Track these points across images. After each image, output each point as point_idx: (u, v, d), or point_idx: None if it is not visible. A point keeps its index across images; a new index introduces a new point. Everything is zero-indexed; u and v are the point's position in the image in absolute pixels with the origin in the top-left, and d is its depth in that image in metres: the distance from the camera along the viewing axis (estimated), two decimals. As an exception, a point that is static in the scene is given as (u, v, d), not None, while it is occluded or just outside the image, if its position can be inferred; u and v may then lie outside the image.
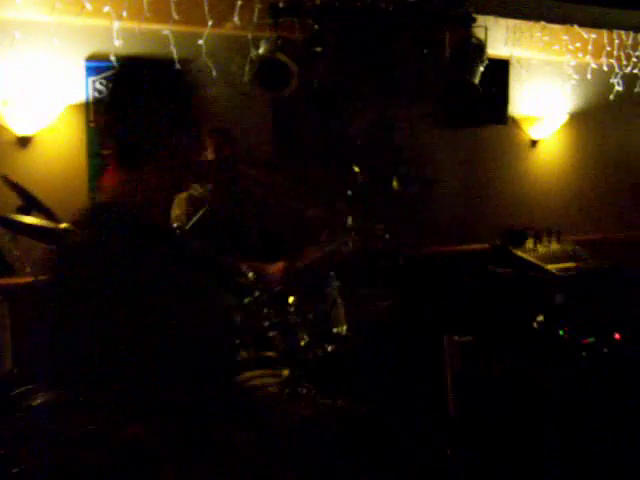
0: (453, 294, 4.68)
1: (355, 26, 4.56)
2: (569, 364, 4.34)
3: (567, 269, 4.43)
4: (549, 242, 4.72)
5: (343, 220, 3.28)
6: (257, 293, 2.98)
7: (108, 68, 4.29)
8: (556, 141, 5.95)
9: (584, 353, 4.38)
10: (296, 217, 3.48)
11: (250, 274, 3.03)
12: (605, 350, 4.41)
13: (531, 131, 5.82)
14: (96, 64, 4.31)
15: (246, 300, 2.99)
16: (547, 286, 4.35)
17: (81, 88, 4.31)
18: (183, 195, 3.89)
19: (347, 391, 3.12)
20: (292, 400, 2.78)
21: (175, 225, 2.88)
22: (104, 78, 4.32)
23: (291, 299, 3.01)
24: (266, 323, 3.00)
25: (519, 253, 4.53)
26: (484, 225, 5.29)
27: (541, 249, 4.62)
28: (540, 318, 4.32)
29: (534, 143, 5.84)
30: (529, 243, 4.70)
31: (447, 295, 4.65)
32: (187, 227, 2.82)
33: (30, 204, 3.25)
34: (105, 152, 4.33)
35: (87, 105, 4.34)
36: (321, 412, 2.64)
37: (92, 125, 4.35)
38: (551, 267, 4.38)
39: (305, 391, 2.88)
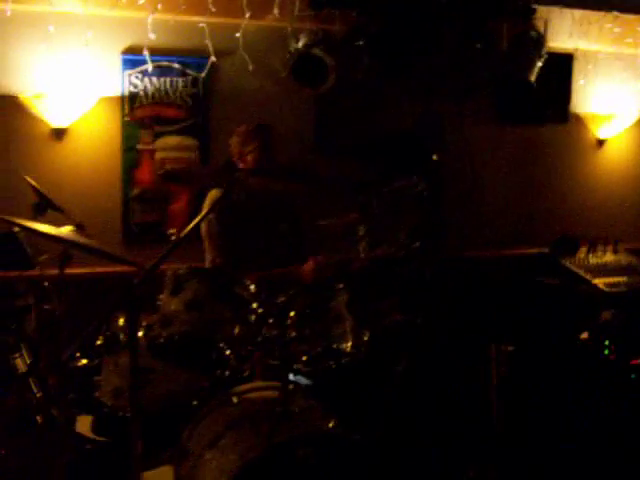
0: (493, 301, 4.45)
1: (401, 18, 4.35)
2: (615, 385, 4.06)
3: (617, 284, 4.11)
4: (604, 252, 4.40)
5: (358, 229, 3.12)
6: (255, 305, 2.87)
7: (144, 62, 4.27)
8: (626, 141, 5.55)
9: (633, 375, 4.09)
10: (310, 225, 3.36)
11: (252, 286, 2.92)
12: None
13: (597, 130, 5.45)
14: (132, 57, 4.27)
15: (245, 312, 2.89)
16: (593, 301, 4.06)
17: (117, 81, 4.29)
18: (213, 194, 3.77)
19: (349, 410, 3.00)
20: (280, 420, 2.67)
21: (170, 232, 2.80)
22: (140, 72, 4.30)
23: (292, 313, 2.89)
24: (265, 336, 2.90)
25: (567, 263, 4.24)
26: (536, 230, 5.00)
27: (593, 260, 4.31)
28: (585, 335, 4.05)
29: (600, 143, 5.47)
30: (581, 252, 4.39)
31: (486, 302, 4.43)
32: (182, 234, 2.71)
33: (45, 203, 3.31)
34: (140, 146, 4.36)
35: (122, 98, 4.32)
36: (302, 437, 2.52)
37: (127, 119, 4.34)
38: (599, 281, 4.07)
39: (297, 410, 2.77)
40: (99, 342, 3.10)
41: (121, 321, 3.07)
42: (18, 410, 3.19)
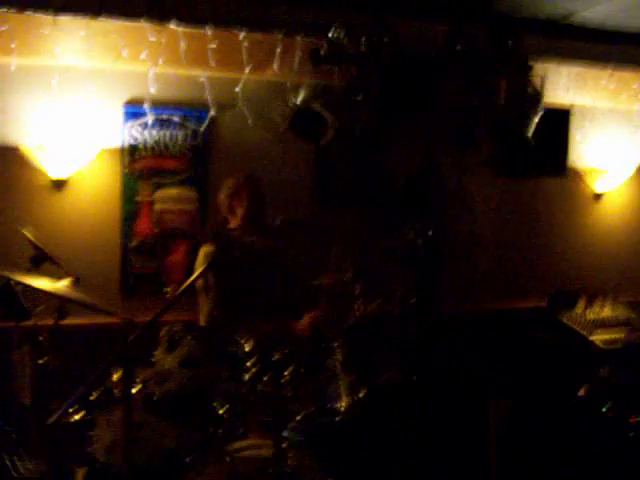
0: (490, 357, 4.43)
1: (400, 74, 4.41)
2: (614, 443, 4.02)
3: (614, 340, 4.09)
4: (602, 307, 4.39)
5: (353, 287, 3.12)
6: (250, 363, 2.87)
7: (145, 114, 4.32)
8: (623, 194, 5.56)
9: (631, 432, 4.04)
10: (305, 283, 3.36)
11: (247, 343, 2.92)
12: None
13: (594, 184, 5.47)
14: (133, 109, 4.32)
15: (240, 370, 2.89)
16: (590, 357, 4.03)
17: (117, 133, 4.33)
18: (207, 250, 3.76)
19: (344, 469, 2.97)
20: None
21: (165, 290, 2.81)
22: (141, 124, 4.34)
23: (287, 371, 2.88)
24: (260, 394, 2.88)
25: (564, 319, 4.22)
26: (534, 283, 4.99)
27: (590, 315, 4.29)
28: (582, 391, 4.02)
29: (598, 197, 5.48)
30: (579, 307, 4.38)
31: (483, 358, 4.40)
32: (177, 292, 2.72)
33: (42, 256, 3.32)
34: (140, 198, 4.38)
35: (123, 150, 4.35)
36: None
37: (127, 170, 4.36)
38: (596, 337, 4.05)
39: (290, 469, 2.75)
40: (93, 397, 3.09)
41: (115, 376, 3.05)
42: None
